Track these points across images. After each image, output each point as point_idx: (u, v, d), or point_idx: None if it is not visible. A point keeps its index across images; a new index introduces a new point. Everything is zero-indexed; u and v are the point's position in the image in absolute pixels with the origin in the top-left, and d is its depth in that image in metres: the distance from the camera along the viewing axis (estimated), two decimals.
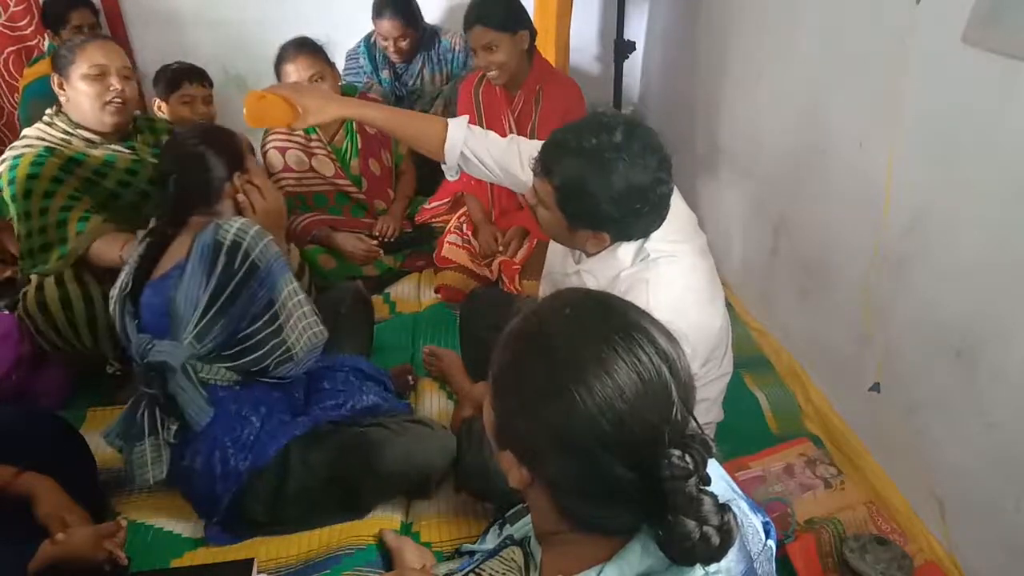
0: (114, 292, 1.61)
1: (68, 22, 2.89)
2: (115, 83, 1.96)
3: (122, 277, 1.60)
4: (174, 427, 1.54)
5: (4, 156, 1.97)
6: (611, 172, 1.33)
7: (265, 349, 1.55)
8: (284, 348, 1.56)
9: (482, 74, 2.58)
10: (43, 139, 1.98)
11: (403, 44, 3.11)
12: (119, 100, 1.98)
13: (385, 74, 3.23)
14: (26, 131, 2.02)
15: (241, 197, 1.67)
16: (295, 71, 2.41)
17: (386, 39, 3.09)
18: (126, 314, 1.57)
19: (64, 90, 1.97)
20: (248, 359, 1.55)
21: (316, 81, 2.40)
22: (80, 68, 1.94)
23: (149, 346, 1.52)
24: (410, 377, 2.17)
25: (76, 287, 1.95)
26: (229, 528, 1.65)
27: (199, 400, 1.53)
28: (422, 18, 3.17)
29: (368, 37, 3.26)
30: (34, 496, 1.46)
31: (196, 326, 1.49)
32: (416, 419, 1.79)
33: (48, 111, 2.03)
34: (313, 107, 1.59)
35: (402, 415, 1.81)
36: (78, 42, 1.98)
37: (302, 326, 1.59)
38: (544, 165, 1.41)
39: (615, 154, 1.33)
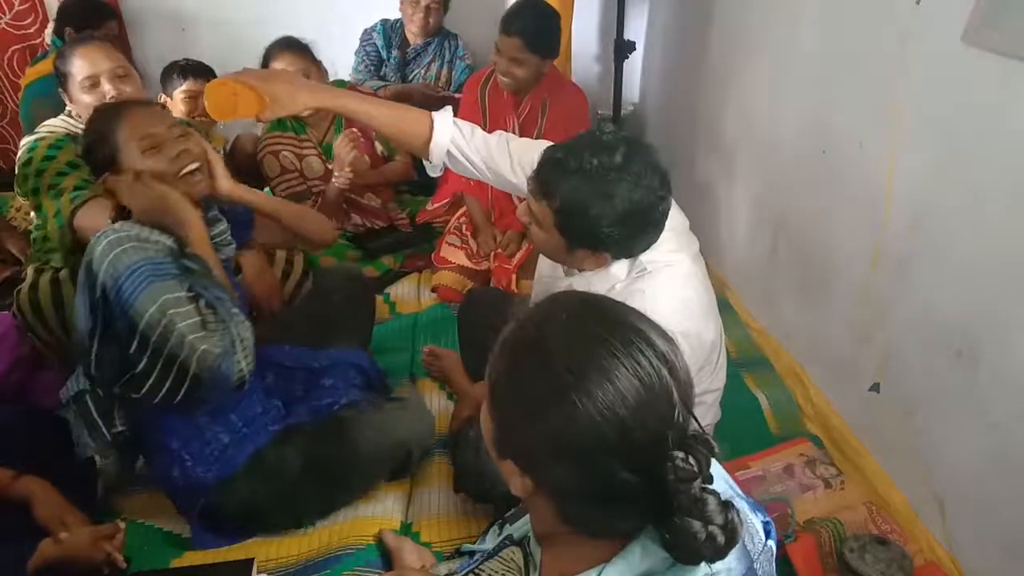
0: None
1: (96, 29, 2.89)
2: (108, 88, 1.93)
3: None
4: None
5: (24, 141, 1.98)
6: (614, 195, 1.29)
7: (153, 378, 1.38)
8: (177, 370, 1.37)
9: (489, 73, 2.58)
10: (65, 129, 1.98)
11: (434, 7, 3.16)
12: None
13: (395, 53, 3.27)
14: (49, 121, 2.02)
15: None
16: (280, 68, 2.41)
17: (416, 4, 3.13)
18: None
19: (73, 104, 1.98)
20: (143, 393, 1.39)
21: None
22: (75, 81, 1.94)
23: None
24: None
25: (71, 288, 1.94)
26: (213, 528, 1.63)
27: (83, 437, 1.49)
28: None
29: (385, 20, 3.31)
30: (32, 499, 1.46)
31: (93, 356, 1.41)
32: (393, 397, 1.77)
33: (68, 107, 2.02)
34: (283, 95, 1.47)
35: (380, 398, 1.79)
36: (68, 53, 1.96)
37: (191, 340, 1.36)
38: (542, 187, 1.35)
39: (617, 175, 1.29)
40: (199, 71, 2.58)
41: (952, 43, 1.46)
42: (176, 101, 2.57)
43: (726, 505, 0.75)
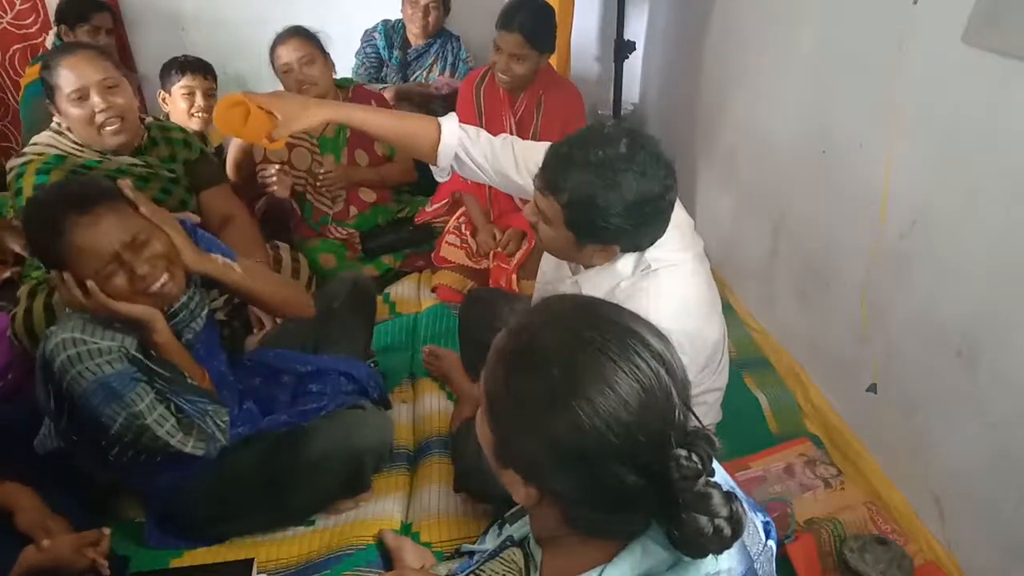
0: None
1: (88, 21, 2.89)
2: (98, 100, 1.83)
3: None
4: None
5: (12, 164, 1.92)
6: (621, 185, 1.29)
7: (129, 455, 1.43)
8: (162, 444, 1.42)
9: (484, 72, 2.58)
10: (53, 146, 1.91)
11: (433, 5, 3.15)
12: (113, 116, 1.85)
13: (396, 54, 3.28)
14: (37, 138, 1.95)
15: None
16: (286, 52, 2.42)
17: (415, 3, 3.13)
18: None
19: (61, 116, 1.89)
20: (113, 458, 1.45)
21: (306, 63, 2.41)
22: (63, 94, 1.84)
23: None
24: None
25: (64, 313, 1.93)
26: (164, 528, 1.63)
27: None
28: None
29: (386, 21, 3.31)
30: (14, 506, 1.45)
31: (61, 431, 1.44)
32: (355, 405, 1.73)
33: (57, 119, 1.94)
34: (296, 109, 1.50)
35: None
36: (54, 64, 1.85)
37: (175, 443, 1.43)
38: (549, 182, 1.35)
39: (624, 166, 1.29)
40: (197, 67, 2.58)
41: (952, 43, 1.46)
42: (175, 97, 2.58)
43: (729, 496, 0.75)
